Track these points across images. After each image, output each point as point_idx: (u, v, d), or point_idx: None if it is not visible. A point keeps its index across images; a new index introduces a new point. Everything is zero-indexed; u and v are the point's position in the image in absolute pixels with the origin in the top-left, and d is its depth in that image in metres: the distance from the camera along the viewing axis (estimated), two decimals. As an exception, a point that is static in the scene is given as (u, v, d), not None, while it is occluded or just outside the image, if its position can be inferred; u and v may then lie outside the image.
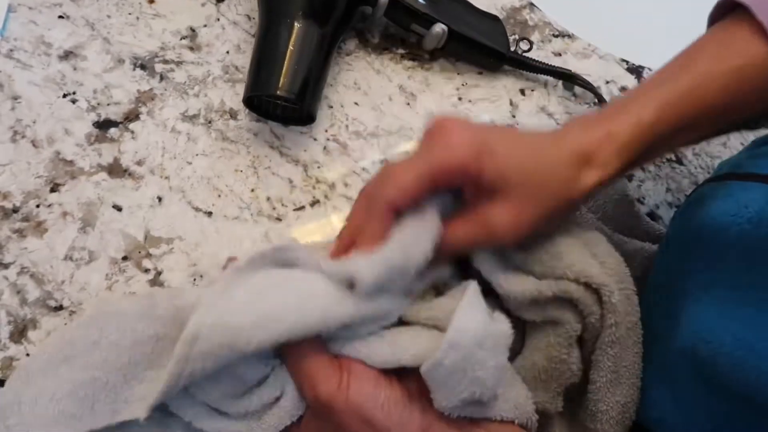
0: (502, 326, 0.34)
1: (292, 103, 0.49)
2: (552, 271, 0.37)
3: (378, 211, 0.35)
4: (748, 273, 0.33)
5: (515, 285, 0.38)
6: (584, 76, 0.60)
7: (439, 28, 0.55)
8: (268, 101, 0.51)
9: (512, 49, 0.58)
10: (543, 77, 0.59)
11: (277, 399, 0.36)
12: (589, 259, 0.38)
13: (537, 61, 0.58)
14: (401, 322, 0.37)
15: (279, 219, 0.50)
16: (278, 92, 0.48)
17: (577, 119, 0.38)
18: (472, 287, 0.35)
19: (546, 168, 0.36)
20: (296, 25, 0.49)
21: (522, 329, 0.40)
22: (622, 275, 0.39)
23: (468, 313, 0.33)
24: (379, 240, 0.35)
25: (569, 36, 0.63)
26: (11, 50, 0.53)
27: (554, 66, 0.58)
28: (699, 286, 0.35)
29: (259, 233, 0.50)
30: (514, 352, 0.40)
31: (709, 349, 0.32)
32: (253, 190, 0.51)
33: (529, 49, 0.60)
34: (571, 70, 0.58)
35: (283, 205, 0.51)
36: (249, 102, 0.51)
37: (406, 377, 0.36)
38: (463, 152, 0.34)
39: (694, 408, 0.35)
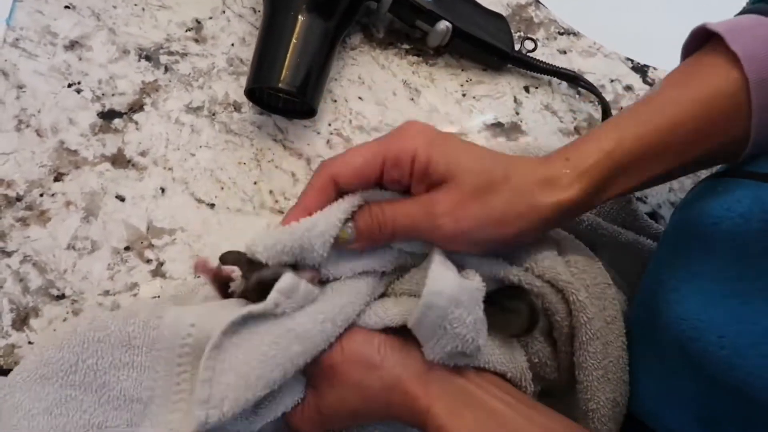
0: (474, 282, 0.35)
1: (294, 97, 0.50)
2: (519, 262, 0.38)
3: (318, 180, 0.36)
4: (735, 266, 0.33)
5: (484, 265, 0.38)
6: (589, 75, 0.60)
7: (443, 25, 0.55)
8: (270, 94, 0.51)
9: (517, 48, 0.58)
10: (547, 75, 0.59)
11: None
12: (555, 257, 0.38)
13: (541, 61, 0.58)
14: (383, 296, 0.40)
15: (281, 212, 0.50)
16: (280, 85, 0.48)
17: (540, 157, 0.38)
18: (437, 252, 0.36)
19: (501, 173, 0.35)
20: (300, 18, 0.49)
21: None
22: (593, 271, 0.39)
23: (440, 275, 0.34)
24: (310, 209, 0.36)
25: (574, 34, 0.63)
26: (17, 39, 0.53)
27: (558, 67, 0.58)
28: (682, 279, 0.36)
29: (261, 226, 0.50)
30: None
31: (697, 348, 0.33)
32: (255, 183, 0.51)
33: (534, 49, 0.59)
34: (574, 72, 0.58)
35: (285, 198, 0.51)
36: (251, 94, 0.51)
37: (403, 331, 0.37)
38: (416, 141, 0.35)
39: (688, 399, 0.35)
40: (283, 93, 0.50)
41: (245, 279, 0.37)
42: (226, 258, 0.38)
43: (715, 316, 0.32)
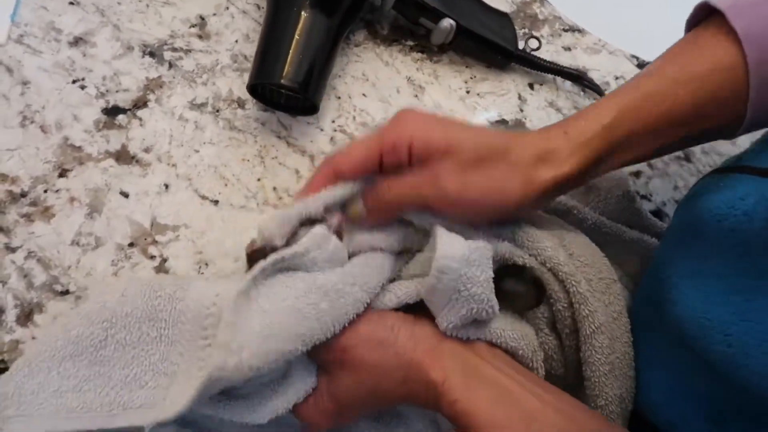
0: (480, 241, 0.36)
1: (296, 93, 0.49)
2: (522, 247, 0.39)
3: (321, 169, 0.38)
4: (737, 263, 0.33)
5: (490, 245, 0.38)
6: (594, 72, 0.60)
7: (447, 23, 0.54)
8: (273, 90, 0.51)
9: (521, 46, 0.58)
10: (552, 72, 0.59)
11: (284, 378, 0.36)
12: (558, 248, 0.39)
13: (545, 60, 0.58)
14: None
15: (284, 209, 0.51)
16: (282, 81, 0.47)
17: (539, 128, 0.39)
18: (439, 225, 0.37)
19: (500, 146, 0.36)
20: (303, 14, 0.49)
21: None
22: (598, 265, 0.39)
23: (448, 240, 0.35)
24: (311, 192, 0.38)
25: (579, 31, 0.63)
26: (21, 36, 0.53)
27: (562, 66, 0.58)
28: (684, 275, 0.36)
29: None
30: None
31: (703, 347, 0.32)
32: (259, 180, 0.51)
33: (538, 48, 0.59)
34: (578, 71, 0.58)
35: (289, 195, 0.51)
36: (253, 90, 0.51)
37: (416, 310, 0.38)
38: (411, 126, 0.37)
39: (696, 395, 0.35)
40: (285, 89, 0.50)
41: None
42: (256, 255, 0.38)
43: (720, 314, 0.32)
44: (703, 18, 0.39)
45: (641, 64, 0.62)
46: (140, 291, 0.36)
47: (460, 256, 0.34)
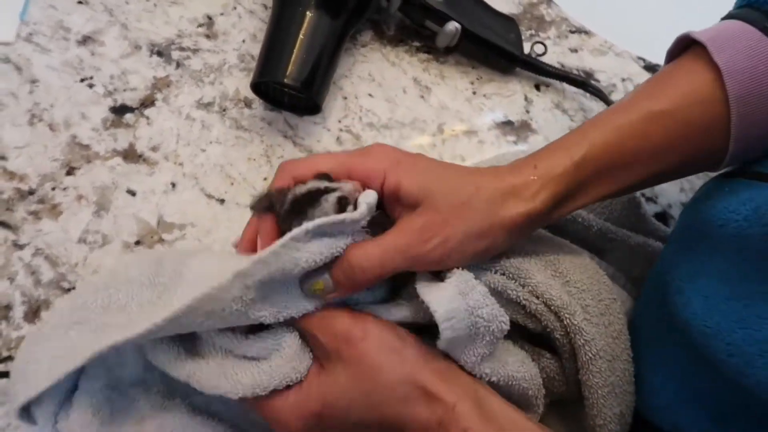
0: (455, 278, 0.35)
1: (298, 92, 0.50)
2: (516, 279, 0.38)
3: (280, 182, 0.37)
4: (738, 267, 0.33)
5: (482, 279, 0.38)
6: (600, 74, 0.60)
7: (452, 26, 0.54)
8: (276, 89, 0.52)
9: (527, 51, 0.58)
10: (558, 73, 0.59)
11: (278, 349, 0.36)
12: (550, 280, 0.38)
13: (550, 65, 0.58)
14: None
15: (290, 208, 0.51)
16: (285, 80, 0.48)
17: (511, 162, 0.38)
18: (419, 280, 0.36)
19: (471, 188, 0.35)
20: (308, 14, 0.49)
21: None
22: (596, 288, 0.39)
23: (439, 303, 0.33)
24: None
25: (586, 32, 0.62)
26: (30, 34, 0.53)
27: (567, 72, 0.58)
28: (686, 279, 0.36)
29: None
30: None
31: (708, 354, 0.32)
32: (265, 179, 0.51)
33: (544, 53, 0.59)
34: (583, 77, 0.58)
35: (294, 194, 0.51)
36: (257, 88, 0.51)
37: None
38: (384, 163, 0.36)
39: (702, 397, 0.35)
40: (288, 88, 0.50)
41: (280, 215, 0.36)
42: (258, 206, 0.37)
43: (721, 322, 0.32)
44: (684, 50, 0.39)
45: (648, 66, 0.62)
46: (146, 260, 0.37)
47: (461, 314, 0.33)
